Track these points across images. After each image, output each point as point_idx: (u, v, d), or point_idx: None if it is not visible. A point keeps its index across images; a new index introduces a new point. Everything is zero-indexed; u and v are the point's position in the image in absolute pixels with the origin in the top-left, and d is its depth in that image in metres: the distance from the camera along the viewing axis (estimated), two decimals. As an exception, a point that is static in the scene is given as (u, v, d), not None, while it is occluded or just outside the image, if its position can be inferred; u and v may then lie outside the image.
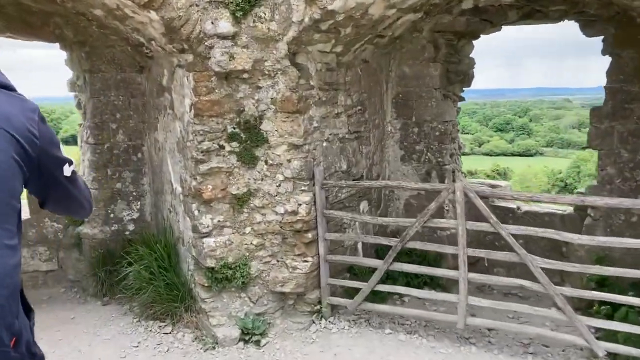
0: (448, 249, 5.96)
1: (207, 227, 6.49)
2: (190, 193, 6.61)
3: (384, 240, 6.36)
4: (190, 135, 6.42)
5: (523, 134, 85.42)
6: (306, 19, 5.85)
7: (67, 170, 2.29)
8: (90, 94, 7.93)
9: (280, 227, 6.56)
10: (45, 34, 7.53)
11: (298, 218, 6.46)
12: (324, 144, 6.80)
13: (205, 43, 6.02)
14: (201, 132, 6.32)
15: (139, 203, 8.31)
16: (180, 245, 7.22)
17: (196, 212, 6.53)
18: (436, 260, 7.31)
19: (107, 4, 6.38)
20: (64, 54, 8.41)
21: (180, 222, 7.12)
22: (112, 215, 8.18)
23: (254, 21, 5.92)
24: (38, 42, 8.06)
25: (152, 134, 8.02)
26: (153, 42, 6.84)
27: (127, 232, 8.23)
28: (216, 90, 6.30)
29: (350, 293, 6.82)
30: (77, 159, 8.89)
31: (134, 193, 8.28)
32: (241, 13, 5.83)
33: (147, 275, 6.76)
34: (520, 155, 75.90)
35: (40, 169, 2.10)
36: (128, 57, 8.01)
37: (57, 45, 8.19)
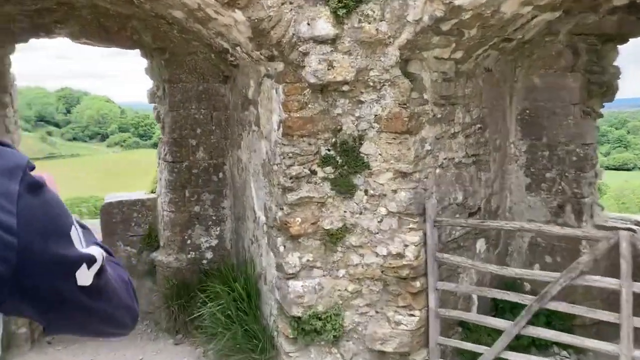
0: (604, 316, 4.56)
1: (294, 266, 5.44)
2: (275, 225, 5.60)
3: (514, 297, 5.04)
4: (278, 157, 5.42)
5: (620, 146, 79.92)
6: (425, 18, 4.68)
7: (84, 277, 1.18)
8: (170, 107, 7.14)
9: (382, 272, 5.40)
10: (122, 40, 6.80)
11: (404, 262, 5.28)
12: (437, 171, 5.58)
13: (299, 49, 4.99)
14: (290, 154, 5.30)
15: (218, 229, 7.42)
16: (262, 283, 6.23)
17: (281, 248, 5.50)
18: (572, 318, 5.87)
19: (187, 4, 5.50)
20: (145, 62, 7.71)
21: (263, 257, 6.12)
22: (188, 241, 7.33)
23: (359, 21, 4.82)
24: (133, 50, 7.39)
25: (235, 152, 7.11)
26: (238, 48, 5.92)
27: (204, 261, 7.36)
28: (309, 105, 5.26)
29: (465, 356, 5.54)
30: (154, 178, 8.15)
31: (214, 217, 7.40)
32: (344, 11, 4.75)
33: (223, 319, 5.80)
34: (616, 169, 70.75)
35: (24, 283, 1.05)
36: (211, 66, 7.17)
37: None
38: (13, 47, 7.13)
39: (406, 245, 5.29)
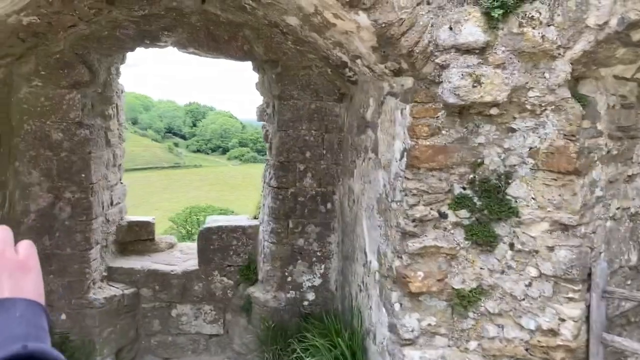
0: None
1: (412, 331, 4.33)
2: (390, 275, 4.54)
3: None
4: (398, 193, 4.36)
5: None
6: (613, 22, 3.44)
7: None
8: (278, 126, 6.32)
9: (526, 351, 4.14)
10: (231, 50, 6.10)
11: (559, 342, 3.99)
12: (608, 224, 4.24)
13: (436, 60, 3.92)
14: (414, 191, 4.22)
15: (322, 267, 6.46)
16: (370, 342, 5.15)
17: (397, 306, 4.42)
18: None
19: (303, 7, 4.64)
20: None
21: (373, 311, 5.06)
22: (289, 278, 6.43)
23: (519, 25, 3.67)
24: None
25: (346, 180, 6.14)
26: (359, 60, 4.96)
27: (305, 303, 6.41)
28: (443, 132, 4.16)
29: None
30: (258, 203, 7.37)
31: (318, 253, 6.45)
32: (500, 12, 3.62)
33: (321, 383, 4.79)
34: None
35: None
36: (326, 82, 6.28)
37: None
38: (121, 57, 6.68)
39: (562, 320, 4.00)
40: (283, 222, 6.37)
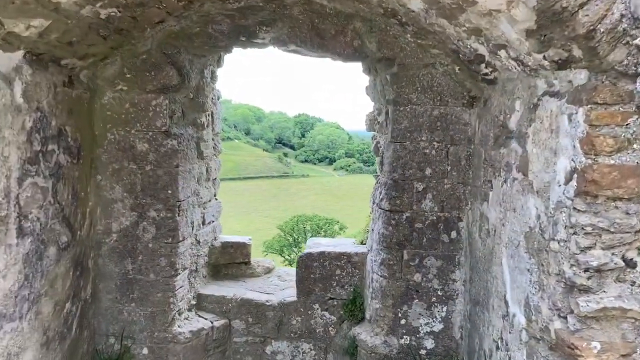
0: None
1: None
2: (545, 339, 3.29)
3: None
4: (562, 230, 3.11)
5: None
6: None
7: None
8: (392, 136, 5.23)
9: None
10: (339, 46, 5.10)
11: None
12: None
13: (635, 41, 2.65)
14: (589, 228, 2.95)
15: (444, 309, 5.25)
16: (512, 420, 3.89)
17: (557, 385, 3.15)
18: None
19: (430, -18, 3.53)
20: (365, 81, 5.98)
21: (517, 381, 3.79)
22: (403, 320, 5.29)
23: None
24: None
25: (476, 205, 4.91)
26: (503, 51, 3.75)
27: (422, 351, 5.24)
28: (636, 146, 2.87)
29: None
30: (366, 227, 6.32)
31: (439, 292, 5.25)
32: None
33: None
34: None
35: None
36: (453, 82, 5.10)
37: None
38: (216, 59, 5.91)
39: None
40: (396, 253, 5.24)
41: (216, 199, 6.57)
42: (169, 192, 5.25)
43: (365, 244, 6.30)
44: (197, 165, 5.84)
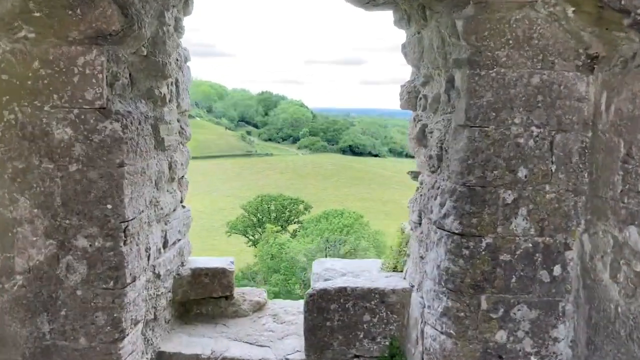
0: None
1: None
2: None
3: None
4: None
5: None
6: None
7: None
8: (466, 117, 3.28)
9: None
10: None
11: None
12: None
13: None
14: None
15: (543, 384, 3.39)
16: None
17: None
18: None
19: None
20: (345, 69, 3.98)
21: None
22: (477, 401, 3.41)
23: None
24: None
25: (600, 225, 3.05)
26: None
27: None
28: None
29: None
30: (399, 246, 4.43)
31: (533, 359, 3.39)
32: None
33: None
34: None
35: None
36: (562, 33, 3.21)
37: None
38: (180, 2, 3.85)
39: None
40: (469, 299, 3.35)
41: (183, 207, 4.53)
42: (109, 206, 3.20)
43: (398, 270, 4.40)
44: (155, 160, 3.79)
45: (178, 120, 4.25)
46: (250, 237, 68.70)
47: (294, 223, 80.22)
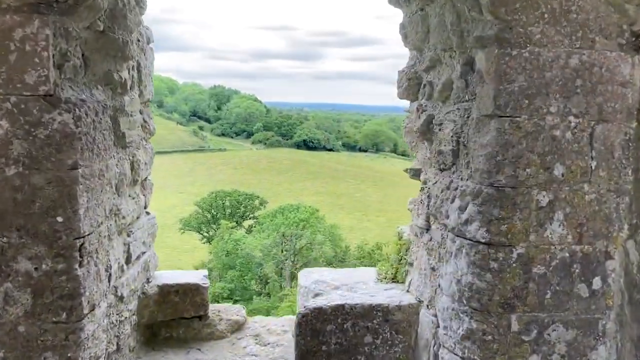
0: None
1: None
2: None
3: None
4: None
5: None
6: None
7: None
8: (495, 106, 2.76)
9: None
10: None
11: None
12: None
13: None
14: None
15: (582, 416, 2.92)
16: None
17: None
18: None
19: None
20: (298, 64, 3.43)
21: None
22: None
23: None
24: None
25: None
26: None
27: None
28: None
29: None
30: (399, 256, 3.89)
31: (571, 385, 2.92)
32: None
33: None
34: None
35: None
36: (604, 6, 2.72)
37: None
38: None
39: None
40: (497, 319, 2.84)
41: (147, 213, 3.87)
42: (59, 219, 2.53)
43: (399, 280, 3.87)
44: (116, 159, 3.12)
45: (140, 112, 3.58)
46: (205, 234, 67.33)
47: (250, 219, 79.30)
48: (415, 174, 3.87)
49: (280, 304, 48.85)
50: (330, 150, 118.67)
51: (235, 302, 53.77)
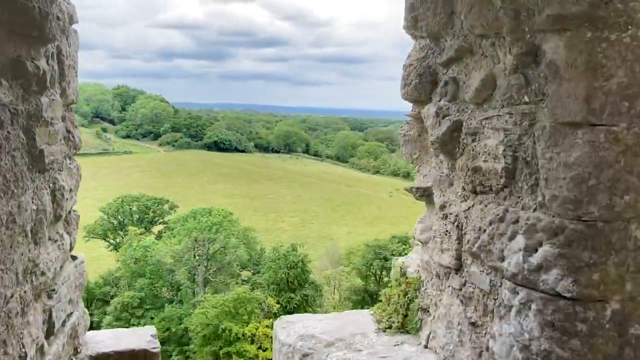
0: None
1: None
2: None
3: None
4: None
5: None
6: None
7: None
8: (567, 113, 2.01)
9: None
10: None
11: None
12: None
13: None
14: None
15: None
16: None
17: None
18: None
19: None
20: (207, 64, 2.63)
21: None
22: None
23: None
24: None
25: None
26: None
27: None
28: None
29: None
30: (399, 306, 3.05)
31: None
32: None
33: None
34: None
35: None
36: None
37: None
38: None
39: None
40: (585, 398, 2.10)
41: (74, 258, 2.80)
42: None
43: (409, 331, 3.05)
44: (31, 191, 2.06)
45: (63, 119, 2.53)
46: (111, 241, 63.78)
47: (159, 224, 76.13)
48: (424, 194, 3.08)
49: (194, 310, 46.99)
50: (242, 151, 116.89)
51: (146, 310, 51.24)
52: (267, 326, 46.80)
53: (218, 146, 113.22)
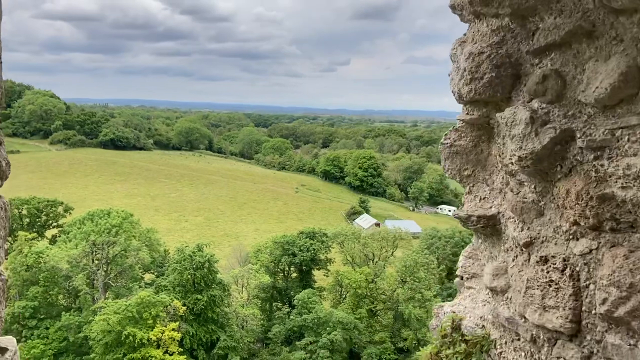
0: None
1: None
2: None
3: None
4: None
5: None
6: None
7: None
8: None
9: None
10: None
11: None
12: None
13: None
14: None
15: None
16: None
17: None
18: None
19: None
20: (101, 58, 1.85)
21: None
22: None
23: None
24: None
25: None
26: None
27: None
28: None
29: None
30: None
31: None
32: None
33: None
34: None
35: None
36: None
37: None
38: None
39: None
40: None
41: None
42: None
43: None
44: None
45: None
46: (-2, 248, 58.50)
47: (53, 228, 71.05)
48: (488, 224, 2.29)
49: (94, 317, 44.04)
50: (141, 149, 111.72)
51: (40, 320, 47.36)
52: (173, 329, 44.82)
53: (115, 144, 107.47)
